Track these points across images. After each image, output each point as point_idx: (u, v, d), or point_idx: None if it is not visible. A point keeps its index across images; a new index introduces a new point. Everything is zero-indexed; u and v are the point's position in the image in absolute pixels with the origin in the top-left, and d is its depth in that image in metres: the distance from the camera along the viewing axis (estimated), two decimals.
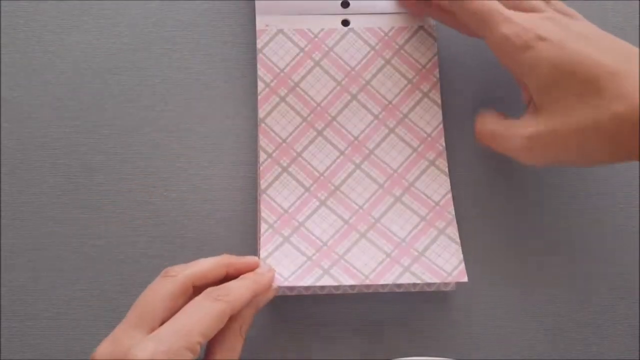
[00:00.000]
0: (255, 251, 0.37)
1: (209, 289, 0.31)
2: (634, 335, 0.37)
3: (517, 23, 0.33)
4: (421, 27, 0.39)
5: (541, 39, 0.32)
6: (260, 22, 0.39)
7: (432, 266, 0.35)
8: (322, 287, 0.36)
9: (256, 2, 0.39)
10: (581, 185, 0.39)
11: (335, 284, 0.34)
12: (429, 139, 0.38)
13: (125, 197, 0.38)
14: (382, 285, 0.36)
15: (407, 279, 0.35)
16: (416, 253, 0.36)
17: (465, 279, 0.35)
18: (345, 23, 0.39)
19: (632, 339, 0.37)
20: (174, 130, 0.39)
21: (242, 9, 0.41)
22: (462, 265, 0.35)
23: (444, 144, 0.38)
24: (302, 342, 0.36)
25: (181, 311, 0.30)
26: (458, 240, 0.36)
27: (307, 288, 0.36)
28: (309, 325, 0.37)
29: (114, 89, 0.40)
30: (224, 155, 0.39)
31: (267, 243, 0.36)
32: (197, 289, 0.31)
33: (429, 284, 0.36)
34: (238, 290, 0.31)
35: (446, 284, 0.36)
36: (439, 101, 0.38)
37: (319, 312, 0.37)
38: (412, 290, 0.36)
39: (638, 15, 0.42)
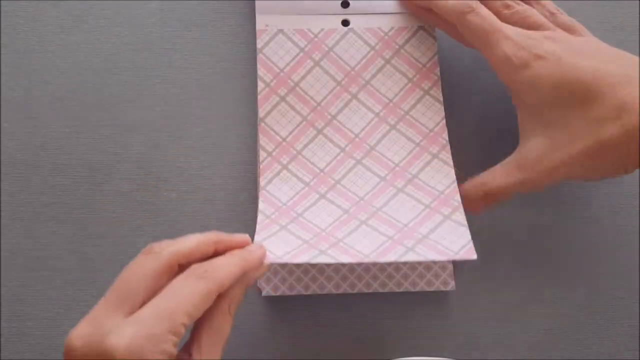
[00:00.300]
0: None
1: (194, 266, 0.29)
2: (634, 335, 0.37)
3: (516, 42, 0.33)
4: (421, 27, 0.39)
5: (538, 57, 0.32)
6: (260, 22, 0.39)
7: (437, 246, 0.33)
8: (322, 287, 0.36)
9: (256, 2, 0.39)
10: (581, 185, 0.39)
11: (333, 261, 0.32)
12: (432, 134, 0.38)
13: (125, 197, 0.38)
14: (382, 284, 0.36)
15: (410, 257, 0.32)
16: (420, 236, 0.34)
17: (474, 256, 0.32)
18: (345, 23, 0.39)
19: (632, 339, 0.37)
20: (174, 130, 0.39)
21: (242, 9, 0.41)
22: (471, 244, 0.33)
23: (447, 137, 0.37)
24: (302, 342, 0.36)
25: (164, 290, 0.28)
26: (465, 223, 0.34)
27: (306, 287, 0.36)
28: (309, 326, 0.37)
29: (114, 89, 0.40)
30: (224, 155, 0.39)
31: (262, 231, 0.34)
32: (182, 268, 0.29)
33: (428, 284, 0.36)
34: (226, 266, 0.29)
35: (446, 284, 0.36)
36: (441, 98, 0.38)
37: (319, 312, 0.37)
38: (412, 290, 0.36)
39: (638, 15, 0.42)
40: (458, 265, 0.37)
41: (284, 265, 0.36)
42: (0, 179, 0.38)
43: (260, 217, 0.35)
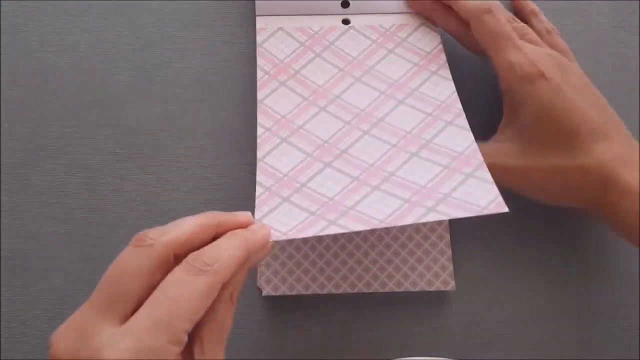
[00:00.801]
0: None
1: (191, 256, 0.25)
2: (634, 335, 0.37)
3: (525, 54, 0.34)
4: (423, 24, 0.39)
5: (541, 76, 0.34)
6: (260, 22, 0.39)
7: (462, 204, 0.30)
8: (322, 287, 0.36)
9: (256, 2, 0.39)
10: None
11: (344, 231, 0.29)
12: (443, 105, 0.36)
13: (125, 197, 0.38)
14: (382, 284, 0.36)
15: (432, 218, 0.29)
16: (441, 195, 0.30)
17: (505, 208, 0.29)
18: (346, 22, 0.39)
19: (632, 339, 0.37)
20: (174, 130, 0.39)
21: (242, 9, 0.41)
22: (500, 198, 0.30)
23: (460, 107, 0.35)
24: (302, 342, 0.36)
25: (159, 291, 0.24)
26: (491, 180, 0.31)
27: (306, 287, 0.36)
28: (309, 326, 0.37)
29: (114, 89, 0.40)
30: (224, 155, 0.39)
31: (262, 205, 0.31)
32: (178, 257, 0.26)
33: (428, 284, 0.36)
34: (228, 253, 0.26)
35: (446, 284, 0.36)
36: (450, 77, 0.37)
37: (319, 312, 0.37)
38: (412, 290, 0.36)
39: (638, 15, 0.42)
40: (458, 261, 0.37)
41: (284, 265, 0.36)
42: (0, 179, 0.38)
43: (258, 190, 0.32)
